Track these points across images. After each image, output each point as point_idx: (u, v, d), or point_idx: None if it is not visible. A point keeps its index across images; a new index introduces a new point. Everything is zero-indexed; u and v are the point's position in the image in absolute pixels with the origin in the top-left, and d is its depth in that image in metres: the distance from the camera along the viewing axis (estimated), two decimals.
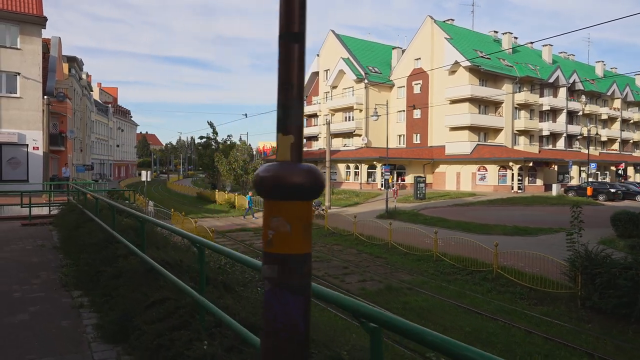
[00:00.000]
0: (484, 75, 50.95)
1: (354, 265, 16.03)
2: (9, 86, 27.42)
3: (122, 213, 8.72)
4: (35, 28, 28.07)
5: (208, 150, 44.86)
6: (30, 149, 27.32)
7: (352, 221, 24.25)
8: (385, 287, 12.95)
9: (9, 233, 10.94)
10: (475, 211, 31.06)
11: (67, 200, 14.28)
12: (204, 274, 3.77)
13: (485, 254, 15.08)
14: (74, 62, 53.54)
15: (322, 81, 62.49)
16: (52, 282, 6.45)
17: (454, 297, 12.35)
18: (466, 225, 23.80)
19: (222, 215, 31.58)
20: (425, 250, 17.01)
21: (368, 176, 51.72)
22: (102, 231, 7.64)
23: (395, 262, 16.38)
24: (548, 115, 57.36)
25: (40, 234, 10.95)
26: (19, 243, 9.51)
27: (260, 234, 23.40)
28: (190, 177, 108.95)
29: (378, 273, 14.96)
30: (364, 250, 18.58)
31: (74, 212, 11.10)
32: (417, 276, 14.62)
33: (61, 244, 9.12)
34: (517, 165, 45.58)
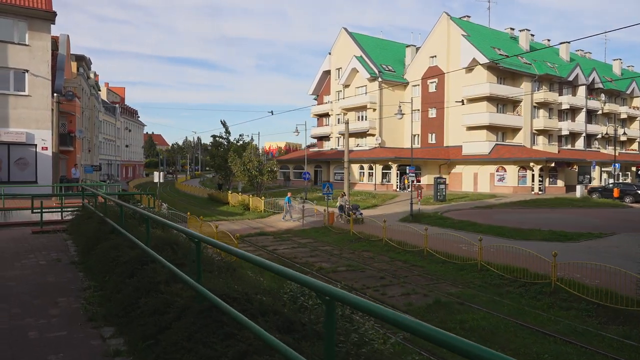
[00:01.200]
0: (502, 73, 49.51)
1: (391, 275, 14.71)
2: (17, 84, 26.32)
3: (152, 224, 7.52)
4: (44, 24, 26.96)
5: (220, 150, 43.63)
6: (39, 149, 26.21)
7: (376, 225, 22.98)
8: (434, 302, 11.63)
9: (19, 243, 9.72)
10: (502, 214, 29.65)
11: (81, 204, 13.06)
12: (333, 333, 2.50)
13: (535, 263, 13.75)
14: (82, 61, 52.65)
15: (334, 80, 61.19)
16: (75, 313, 5.20)
17: (514, 315, 11.03)
18: (499, 229, 22.43)
19: (238, 218, 30.35)
20: (467, 259, 15.68)
21: (383, 177, 50.37)
22: (130, 246, 6.39)
23: (435, 272, 15.06)
24: (567, 114, 55.79)
25: (54, 244, 9.73)
26: (30, 257, 8.28)
27: (282, 238, 22.17)
28: (198, 177, 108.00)
29: (420, 284, 13.64)
30: (397, 258, 17.26)
31: (91, 220, 9.87)
32: (463, 288, 13.29)
33: (80, 258, 7.88)
34: (538, 166, 44.09)
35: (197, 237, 4.03)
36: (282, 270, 2.76)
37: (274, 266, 2.90)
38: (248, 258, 3.25)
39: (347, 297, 2.33)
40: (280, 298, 4.41)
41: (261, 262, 3.12)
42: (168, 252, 5.92)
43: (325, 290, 2.44)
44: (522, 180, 45.82)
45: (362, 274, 14.91)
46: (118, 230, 7.35)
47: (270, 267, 2.95)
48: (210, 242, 3.91)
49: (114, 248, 6.65)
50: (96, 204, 10.65)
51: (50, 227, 12.36)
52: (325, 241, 21.24)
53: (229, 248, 3.58)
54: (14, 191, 21.94)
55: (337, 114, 60.60)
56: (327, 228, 24.11)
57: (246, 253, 3.26)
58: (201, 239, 4.00)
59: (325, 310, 2.49)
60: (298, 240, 21.57)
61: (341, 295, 2.36)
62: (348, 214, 24.98)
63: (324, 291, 2.42)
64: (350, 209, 25.61)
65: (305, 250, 19.19)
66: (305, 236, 22.79)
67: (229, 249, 3.58)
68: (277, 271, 2.83)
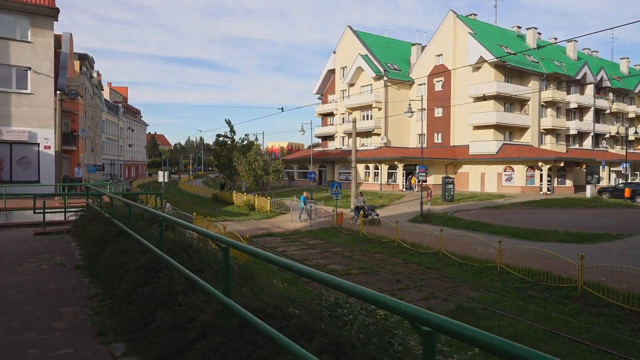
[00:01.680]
0: (509, 72, 48.86)
1: (407, 279, 14.14)
2: (19, 82, 25.83)
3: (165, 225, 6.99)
4: (46, 20, 26.47)
5: (225, 150, 43.07)
6: (42, 148, 25.72)
7: (386, 226, 22.40)
8: (455, 307, 11.06)
9: (20, 246, 9.18)
10: (512, 214, 29.04)
11: (85, 204, 12.52)
12: None
13: (557, 266, 13.17)
14: (85, 60, 52.18)
15: (339, 79, 60.62)
16: (81, 327, 4.65)
17: (541, 321, 10.45)
18: (513, 230, 21.82)
19: (243, 219, 29.80)
20: (485, 261, 15.08)
21: (388, 177, 49.77)
22: (141, 251, 5.84)
23: (453, 275, 14.47)
24: (574, 113, 55.10)
25: (57, 246, 9.19)
26: (32, 260, 7.73)
27: (290, 239, 21.61)
28: (201, 177, 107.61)
29: (438, 288, 13.07)
30: (411, 260, 16.69)
31: (96, 221, 9.33)
32: (484, 292, 12.71)
33: (85, 262, 7.34)
34: (546, 166, 43.44)
35: (225, 242, 3.47)
36: (357, 290, 2.18)
37: (344, 284, 2.32)
38: (302, 271, 2.69)
39: (455, 328, 1.77)
40: (317, 311, 3.85)
41: (329, 280, 2.47)
42: (182, 257, 5.37)
43: (424, 318, 1.90)
44: (530, 180, 45.18)
45: (376, 277, 14.34)
46: (127, 232, 6.80)
47: (340, 285, 2.36)
48: (243, 248, 3.35)
49: (123, 252, 6.09)
50: (101, 204, 10.11)
51: (53, 228, 11.83)
52: (335, 242, 20.68)
53: (272, 257, 3.02)
54: (16, 191, 21.45)
55: (342, 113, 60.02)
56: (336, 229, 23.55)
57: (300, 265, 2.70)
58: (231, 244, 3.44)
59: (424, 345, 1.96)
60: (307, 241, 21.01)
61: (447, 325, 1.82)
62: (365, 215, 24.20)
63: (421, 319, 1.86)
64: (367, 210, 24.79)
65: (315, 251, 18.63)
66: (314, 237, 22.23)
67: (272, 259, 3.01)
68: (349, 291, 2.24)
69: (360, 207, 25.09)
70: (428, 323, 1.89)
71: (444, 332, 1.84)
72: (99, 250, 7.26)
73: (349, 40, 58.71)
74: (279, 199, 34.53)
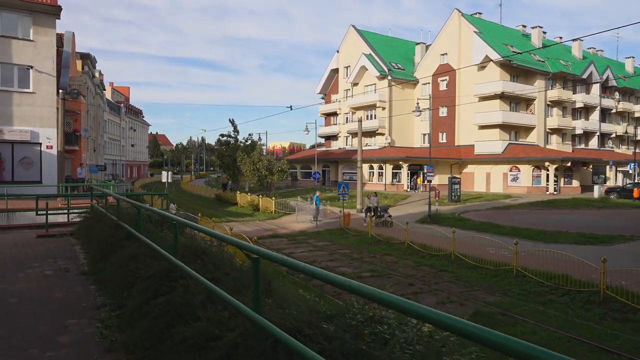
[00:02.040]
0: (515, 71, 48.38)
1: (420, 282, 13.72)
2: (21, 81, 25.48)
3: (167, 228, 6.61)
4: (49, 18, 26.11)
5: (229, 149, 42.65)
6: (44, 147, 25.36)
7: (395, 227, 22.00)
8: (474, 313, 10.63)
9: (22, 249, 8.78)
10: (521, 215, 28.60)
11: (89, 205, 12.13)
12: None
13: (575, 269, 12.74)
14: (87, 59, 51.85)
15: (342, 78, 60.21)
16: (89, 341, 4.24)
17: (564, 327, 10.02)
18: (524, 231, 21.36)
19: (248, 219, 29.39)
20: (500, 264, 14.65)
21: (393, 177, 49.34)
22: (152, 257, 5.43)
23: (467, 278, 14.04)
24: (580, 113, 54.62)
25: (61, 250, 8.79)
26: (35, 265, 7.33)
27: (297, 240, 21.20)
28: (203, 177, 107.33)
29: (453, 292, 12.65)
30: (423, 262, 16.26)
31: (102, 223, 8.93)
32: (501, 297, 12.29)
33: (91, 267, 6.93)
34: (553, 166, 42.96)
35: (256, 251, 3.05)
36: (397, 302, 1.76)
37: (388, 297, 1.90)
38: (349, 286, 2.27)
39: None
40: (354, 327, 3.43)
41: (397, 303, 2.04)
42: (197, 264, 4.96)
43: None
44: (537, 180, 44.72)
45: (388, 280, 13.91)
46: (135, 236, 6.39)
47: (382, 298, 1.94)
48: (277, 258, 2.94)
49: (133, 258, 5.69)
50: (107, 205, 9.71)
51: (56, 230, 11.43)
52: (343, 244, 20.26)
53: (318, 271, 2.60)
54: (18, 191, 21.08)
55: (346, 112, 59.60)
56: (343, 230, 23.12)
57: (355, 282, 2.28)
58: (263, 254, 3.01)
59: None
60: (314, 243, 20.60)
61: None
62: (378, 216, 23.66)
63: None
64: (380, 211, 24.23)
65: (323, 253, 18.22)
66: (320, 238, 21.81)
67: (316, 273, 2.59)
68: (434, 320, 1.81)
69: (373, 207, 24.53)
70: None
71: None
72: (105, 255, 6.85)
73: (353, 39, 58.29)
74: (284, 200, 34.14)
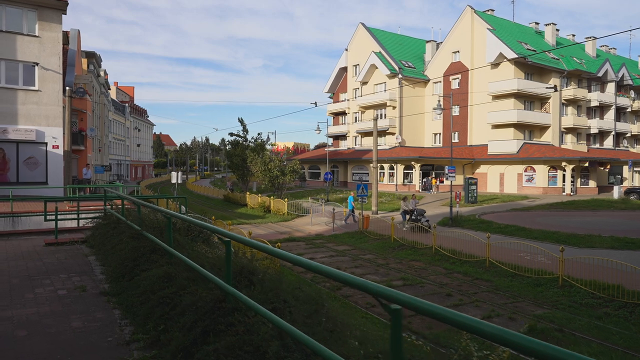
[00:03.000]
0: (529, 69, 47.23)
1: (457, 292, 12.68)
2: (27, 78, 24.58)
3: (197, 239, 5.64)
4: (54, 13, 25.20)
5: (238, 149, 41.61)
6: (50, 147, 24.44)
7: (418, 231, 20.95)
8: (528, 330, 9.59)
9: (30, 261, 7.79)
10: (544, 217, 27.51)
11: (102, 209, 11.15)
12: None
13: (627, 278, 11.69)
14: (92, 58, 51.03)
15: (351, 77, 59.18)
16: None
17: (633, 347, 8.97)
18: (553, 235, 20.30)
19: (260, 221, 28.38)
20: (541, 272, 13.59)
21: (404, 177, 48.28)
22: (192, 278, 4.42)
23: (507, 288, 12.99)
24: (595, 112, 53.44)
25: (74, 261, 7.80)
26: (46, 282, 6.33)
27: (315, 245, 20.17)
28: (208, 177, 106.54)
29: (497, 304, 11.60)
30: (454, 269, 15.22)
31: (118, 231, 7.95)
32: (550, 309, 11.23)
33: (112, 286, 5.93)
34: (570, 166, 41.82)
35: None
36: None
37: None
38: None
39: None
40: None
41: None
42: (251, 290, 3.95)
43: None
44: (552, 180, 43.57)
45: (421, 290, 12.89)
46: (163, 249, 5.39)
47: None
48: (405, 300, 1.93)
49: (166, 279, 4.68)
50: (123, 210, 8.71)
51: (66, 236, 10.46)
52: (365, 248, 19.23)
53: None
54: (24, 193, 20.15)
55: (355, 112, 58.58)
56: (362, 233, 22.08)
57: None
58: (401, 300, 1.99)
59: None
60: (334, 247, 19.57)
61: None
62: (414, 220, 21.86)
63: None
64: (416, 215, 22.37)
65: (346, 259, 17.19)
66: (339, 242, 20.79)
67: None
68: None
69: (409, 211, 22.93)
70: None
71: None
72: (128, 271, 5.86)
73: (362, 37, 57.26)
74: (295, 201, 33.13)
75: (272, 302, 3.77)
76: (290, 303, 4.08)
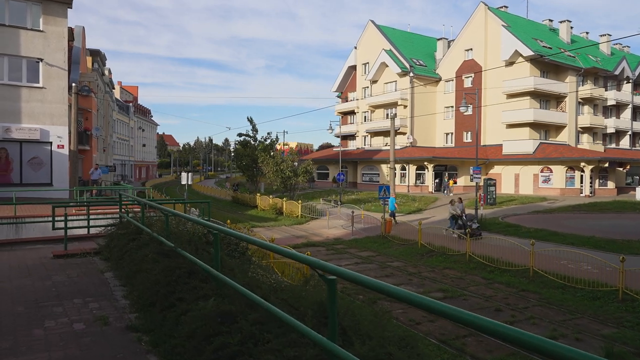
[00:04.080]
0: (545, 67, 45.92)
1: (506, 306, 11.48)
2: (30, 74, 23.48)
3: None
4: (60, 7, 24.12)
5: (247, 149, 40.39)
6: (55, 147, 23.32)
7: (438, 233, 19.68)
8: (606, 354, 8.38)
9: (37, 279, 6.61)
10: (570, 220, 26.27)
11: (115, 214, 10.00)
12: None
13: None
14: (96, 56, 50.01)
15: (360, 75, 57.96)
16: None
17: None
18: (589, 240, 19.06)
19: (272, 224, 27.21)
20: (595, 283, 12.37)
21: (416, 178, 47.05)
22: (258, 321, 3.24)
23: (561, 302, 11.76)
24: (611, 111, 52.12)
25: (88, 279, 6.63)
26: (57, 310, 5.16)
27: (337, 250, 18.98)
28: (212, 177, 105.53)
29: (555, 321, 10.39)
30: (494, 279, 14.01)
31: (139, 243, 6.78)
32: (617, 328, 10.02)
33: (142, 320, 4.74)
34: (589, 166, 40.51)
35: None
36: None
37: None
38: None
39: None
40: None
41: None
42: (338, 333, 2.77)
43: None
44: (570, 181, 42.27)
45: (466, 304, 11.69)
46: (213, 276, 4.22)
47: None
48: None
49: (222, 318, 3.49)
50: (143, 218, 7.54)
51: (76, 247, 9.29)
52: (391, 254, 18.02)
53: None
54: (27, 195, 19.02)
55: (364, 111, 57.38)
56: (385, 237, 20.87)
57: None
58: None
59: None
60: (357, 253, 18.37)
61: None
62: (462, 227, 19.76)
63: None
64: (466, 221, 20.30)
65: (373, 267, 16.01)
66: (362, 247, 19.59)
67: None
68: None
69: (457, 216, 20.79)
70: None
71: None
72: (160, 299, 4.68)
73: (372, 35, 56.05)
74: (308, 203, 31.95)
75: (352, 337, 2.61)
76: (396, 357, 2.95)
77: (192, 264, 4.82)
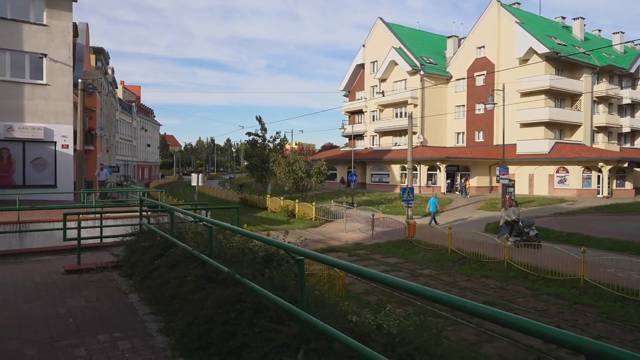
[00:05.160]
0: (560, 65, 44.74)
1: (563, 322, 10.33)
2: (34, 71, 22.40)
3: None
4: (64, 1, 23.08)
5: (256, 149, 39.21)
6: (59, 147, 22.24)
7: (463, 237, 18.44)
8: None
9: (50, 305, 5.47)
10: (596, 222, 25.12)
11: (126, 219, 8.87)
12: None
13: None
14: (100, 55, 48.89)
15: (369, 74, 56.81)
16: None
17: None
18: (627, 246, 17.95)
19: (285, 227, 25.94)
20: None
21: (428, 178, 45.90)
22: None
23: (624, 317, 10.61)
24: (626, 109, 50.94)
25: (111, 304, 5.49)
26: (79, 355, 4.02)
27: (359, 256, 17.84)
28: (215, 178, 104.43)
29: (626, 340, 9.25)
30: (540, 290, 12.85)
31: (171, 260, 5.65)
32: None
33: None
34: (607, 167, 39.34)
35: None
36: None
37: None
38: None
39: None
40: None
41: None
42: None
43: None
44: (587, 182, 41.09)
45: None
46: (295, 314, 3.09)
47: None
48: None
49: None
50: (172, 229, 6.41)
51: (89, 258, 8.17)
52: (419, 261, 16.88)
53: None
54: (31, 197, 17.88)
55: (372, 110, 56.24)
56: (409, 242, 19.72)
57: None
58: None
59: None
60: (382, 260, 17.25)
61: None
62: (518, 234, 17.96)
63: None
64: (522, 227, 18.28)
65: (403, 274, 14.88)
66: (386, 253, 18.45)
67: None
68: None
69: (513, 221, 18.78)
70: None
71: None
72: (215, 342, 3.54)
73: (380, 32, 54.92)
74: (321, 204, 30.81)
75: None
76: None
77: (255, 295, 3.69)
